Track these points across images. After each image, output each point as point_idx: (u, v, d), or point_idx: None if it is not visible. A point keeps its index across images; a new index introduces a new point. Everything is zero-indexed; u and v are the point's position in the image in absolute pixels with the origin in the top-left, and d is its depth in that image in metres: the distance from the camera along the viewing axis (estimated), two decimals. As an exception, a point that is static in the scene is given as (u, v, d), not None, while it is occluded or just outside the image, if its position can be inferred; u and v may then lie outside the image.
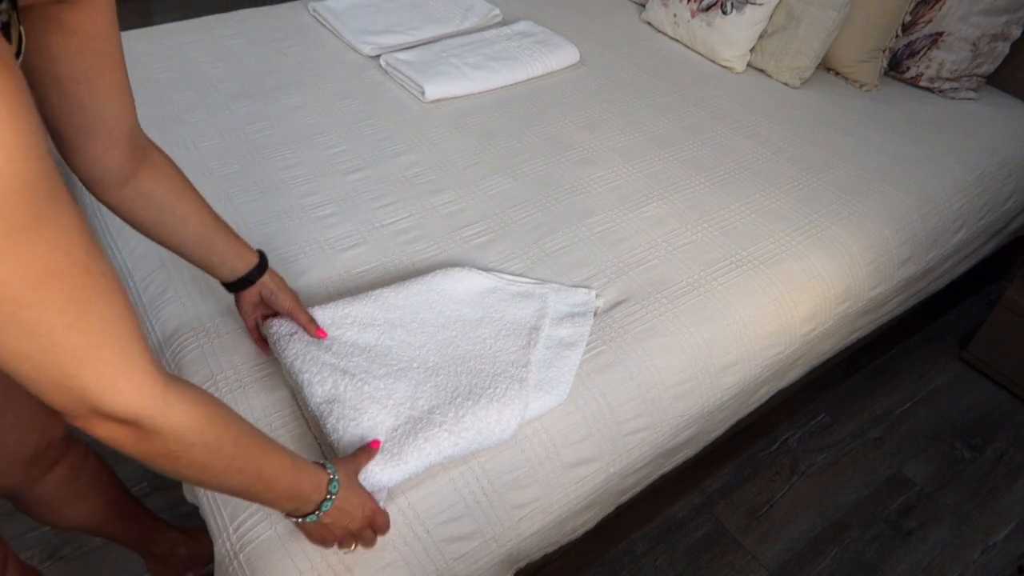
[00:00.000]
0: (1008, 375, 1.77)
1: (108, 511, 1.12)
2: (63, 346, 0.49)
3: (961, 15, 1.74)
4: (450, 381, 0.98)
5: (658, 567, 1.41)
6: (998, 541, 1.49)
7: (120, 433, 0.57)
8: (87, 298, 0.50)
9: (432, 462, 0.90)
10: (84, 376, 0.51)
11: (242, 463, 0.65)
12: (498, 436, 0.94)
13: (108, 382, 0.52)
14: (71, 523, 1.09)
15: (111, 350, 0.52)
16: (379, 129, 1.56)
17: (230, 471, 0.64)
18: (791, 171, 1.50)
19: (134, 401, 0.54)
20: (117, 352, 0.52)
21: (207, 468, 0.62)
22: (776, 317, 1.23)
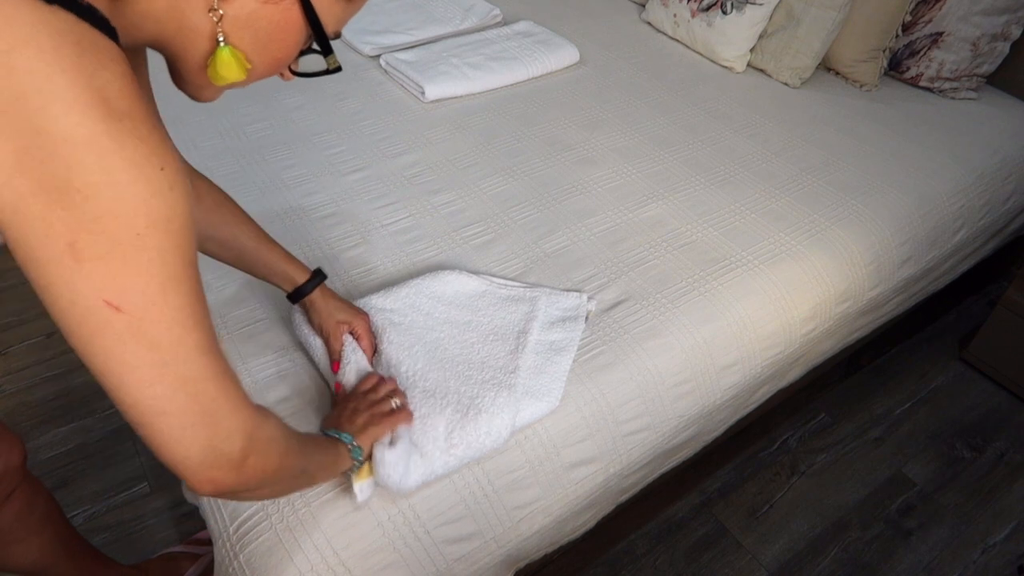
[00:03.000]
0: (1008, 375, 1.77)
1: (58, 549, 1.08)
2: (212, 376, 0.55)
3: (961, 15, 1.74)
4: (439, 387, 0.97)
5: (658, 567, 1.41)
6: (998, 541, 1.49)
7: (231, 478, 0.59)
8: (213, 341, 0.56)
9: (426, 480, 0.89)
10: (219, 401, 0.55)
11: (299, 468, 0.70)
12: (489, 447, 0.93)
13: (232, 411, 0.57)
14: (21, 562, 1.04)
15: (232, 389, 0.57)
16: (379, 129, 1.56)
17: (294, 483, 0.71)
18: (791, 171, 1.50)
19: (247, 426, 0.58)
20: (231, 382, 0.57)
21: (279, 485, 0.67)
22: (776, 317, 1.23)
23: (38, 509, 1.03)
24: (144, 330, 0.50)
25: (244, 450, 0.58)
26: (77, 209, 0.46)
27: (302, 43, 0.62)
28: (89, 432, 1.60)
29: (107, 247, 0.48)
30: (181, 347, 0.52)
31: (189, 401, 0.53)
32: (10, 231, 0.47)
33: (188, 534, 1.42)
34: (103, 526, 1.43)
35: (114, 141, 0.47)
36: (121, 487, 1.50)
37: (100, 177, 0.46)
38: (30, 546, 1.04)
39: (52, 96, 0.45)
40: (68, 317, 0.49)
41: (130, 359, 0.51)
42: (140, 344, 0.50)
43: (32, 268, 0.49)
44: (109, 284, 0.48)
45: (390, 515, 0.89)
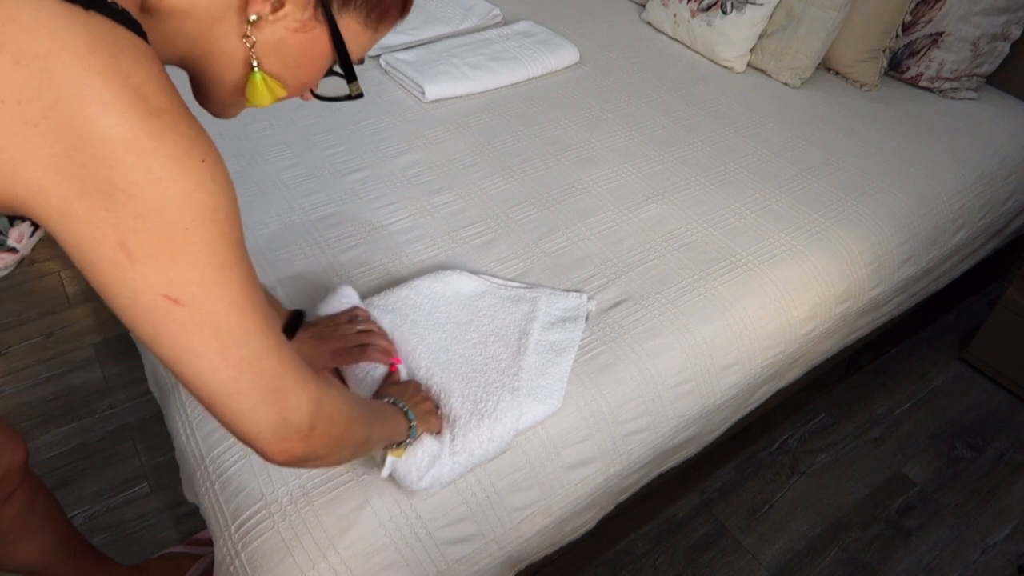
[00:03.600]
0: (1008, 375, 1.77)
1: (58, 549, 1.08)
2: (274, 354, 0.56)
3: (961, 15, 1.74)
4: (443, 390, 0.97)
5: (658, 567, 1.41)
6: (998, 541, 1.49)
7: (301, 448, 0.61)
8: (269, 320, 0.57)
9: (433, 486, 0.90)
10: (283, 377, 0.57)
11: (363, 437, 0.71)
12: (492, 453, 0.94)
13: (296, 385, 0.58)
14: (22, 561, 1.05)
15: (294, 364, 0.59)
16: (379, 129, 1.56)
17: (358, 449, 0.71)
18: (791, 171, 1.50)
19: (312, 396, 0.60)
20: (291, 357, 0.59)
21: (345, 451, 0.68)
22: (776, 317, 1.23)
23: (39, 508, 1.03)
24: (205, 319, 0.52)
25: (312, 420, 0.60)
26: (122, 209, 0.47)
27: (326, 68, 0.64)
28: (89, 432, 1.60)
29: (157, 244, 0.49)
30: (241, 330, 0.54)
31: (256, 380, 0.55)
32: (62, 235, 0.49)
33: (188, 534, 1.42)
34: (103, 526, 1.43)
35: (153, 138, 0.47)
36: (121, 487, 1.50)
37: (142, 175, 0.47)
38: (31, 545, 1.04)
39: (90, 98, 0.45)
40: (131, 314, 0.51)
41: (196, 347, 0.52)
42: (204, 332, 0.52)
43: (88, 270, 0.50)
44: (165, 279, 0.50)
45: (392, 515, 0.89)
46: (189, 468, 1.00)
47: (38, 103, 0.45)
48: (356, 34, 0.63)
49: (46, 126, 0.45)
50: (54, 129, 0.45)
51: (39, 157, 0.46)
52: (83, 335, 1.81)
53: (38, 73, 0.44)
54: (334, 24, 0.61)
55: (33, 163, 0.46)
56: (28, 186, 0.46)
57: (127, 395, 1.67)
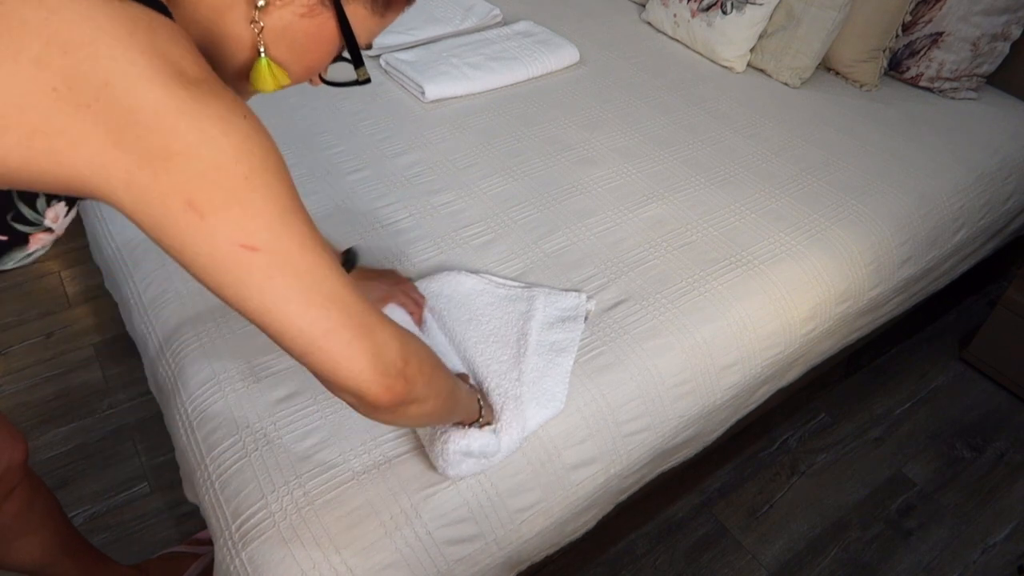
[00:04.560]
0: (1008, 375, 1.77)
1: (58, 548, 1.08)
2: (352, 291, 0.59)
3: (961, 15, 1.74)
4: None
5: (658, 567, 1.41)
6: (998, 541, 1.49)
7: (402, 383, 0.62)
8: (336, 261, 0.59)
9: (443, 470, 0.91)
10: (366, 314, 0.59)
11: (449, 388, 0.74)
12: (497, 461, 0.95)
13: (379, 321, 0.61)
14: (22, 560, 1.05)
15: (365, 299, 0.61)
16: (379, 129, 1.56)
17: (447, 403, 0.74)
18: (791, 171, 1.50)
19: (396, 331, 0.62)
20: (363, 296, 0.61)
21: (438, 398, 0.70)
22: (776, 317, 1.23)
23: (39, 507, 1.03)
24: (284, 261, 0.54)
25: (403, 354, 0.62)
26: (183, 170, 0.50)
27: (334, 53, 0.65)
28: (89, 432, 1.60)
29: (223, 196, 0.51)
30: (318, 269, 0.56)
31: (343, 315, 0.57)
32: (131, 207, 0.51)
33: (188, 534, 1.42)
34: (103, 526, 1.43)
35: (198, 103, 0.51)
36: (121, 487, 1.50)
37: (195, 136, 0.50)
38: (30, 544, 1.04)
39: (136, 76, 0.49)
40: (212, 271, 0.53)
41: (282, 291, 0.55)
42: (286, 274, 0.54)
43: (162, 236, 0.52)
44: (238, 229, 0.52)
45: (392, 515, 0.89)
46: (189, 468, 1.00)
47: (88, 86, 0.48)
48: (363, 19, 0.63)
49: (99, 107, 0.48)
50: (107, 108, 0.48)
51: (96, 136, 0.49)
52: (83, 335, 1.81)
53: (85, 59, 0.48)
54: (341, 9, 0.61)
55: (92, 141, 0.49)
56: (90, 164, 0.49)
57: (127, 395, 1.67)
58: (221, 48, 0.60)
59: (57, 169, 0.50)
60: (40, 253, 0.62)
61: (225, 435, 0.96)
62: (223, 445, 0.95)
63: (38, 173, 0.50)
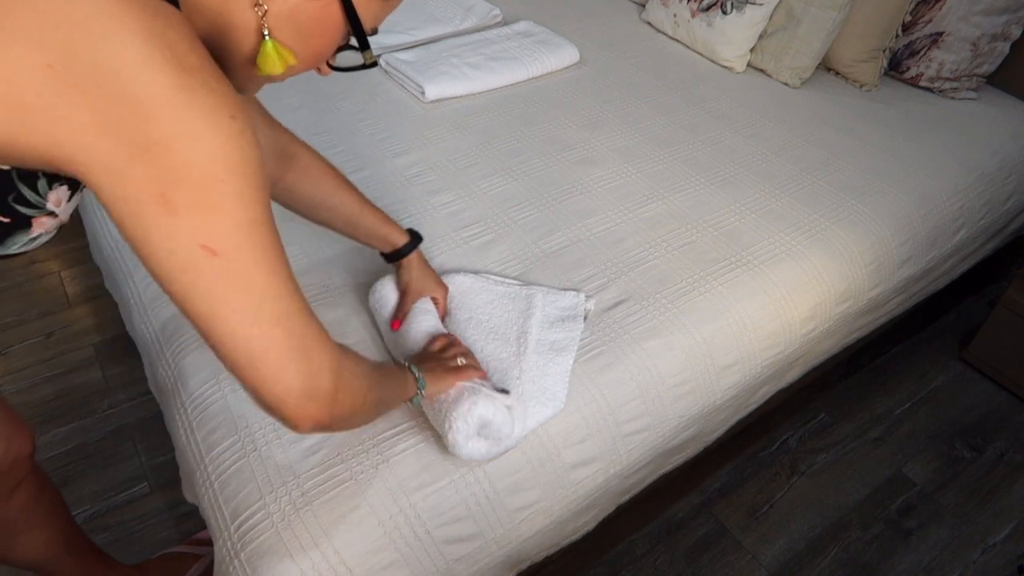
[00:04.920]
0: (1008, 375, 1.77)
1: (61, 545, 1.08)
2: (301, 313, 0.59)
3: (961, 15, 1.74)
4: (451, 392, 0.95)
5: (658, 567, 1.41)
6: (998, 541, 1.49)
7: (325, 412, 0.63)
8: (294, 281, 0.60)
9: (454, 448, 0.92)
10: (308, 337, 0.60)
11: (377, 399, 0.74)
12: (496, 456, 0.95)
13: (319, 346, 0.61)
14: (25, 555, 1.04)
15: (316, 325, 0.61)
16: (379, 129, 1.56)
17: (375, 412, 0.75)
18: (791, 171, 1.50)
19: (334, 356, 0.63)
20: (313, 318, 0.62)
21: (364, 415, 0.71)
22: (776, 317, 1.23)
23: (44, 502, 1.03)
24: (238, 271, 0.54)
25: (334, 383, 0.62)
26: (160, 162, 0.50)
27: (341, 38, 0.65)
28: (89, 432, 1.60)
29: (195, 195, 0.51)
30: (271, 287, 0.56)
31: (285, 337, 0.58)
32: (104, 191, 0.51)
33: (188, 534, 1.42)
34: (103, 526, 1.43)
35: (186, 93, 0.50)
36: (121, 487, 1.50)
37: (177, 129, 0.50)
38: (35, 539, 1.04)
39: (128, 58, 0.48)
40: (168, 267, 0.53)
41: (231, 299, 0.55)
42: (238, 285, 0.55)
43: (127, 224, 0.52)
44: (203, 230, 0.52)
45: (391, 514, 0.89)
46: (189, 468, 1.00)
47: (80, 64, 0.48)
48: (367, 2, 0.63)
49: (88, 86, 0.48)
50: (96, 88, 0.48)
51: (82, 115, 0.49)
52: (83, 335, 1.81)
53: (79, 37, 0.47)
54: None
55: (76, 121, 0.49)
56: (72, 144, 0.49)
57: (127, 395, 1.67)
58: (227, 37, 0.60)
59: (43, 145, 0.50)
60: (45, 239, 0.62)
61: (224, 435, 0.96)
62: (222, 445, 0.95)
63: (25, 147, 0.50)
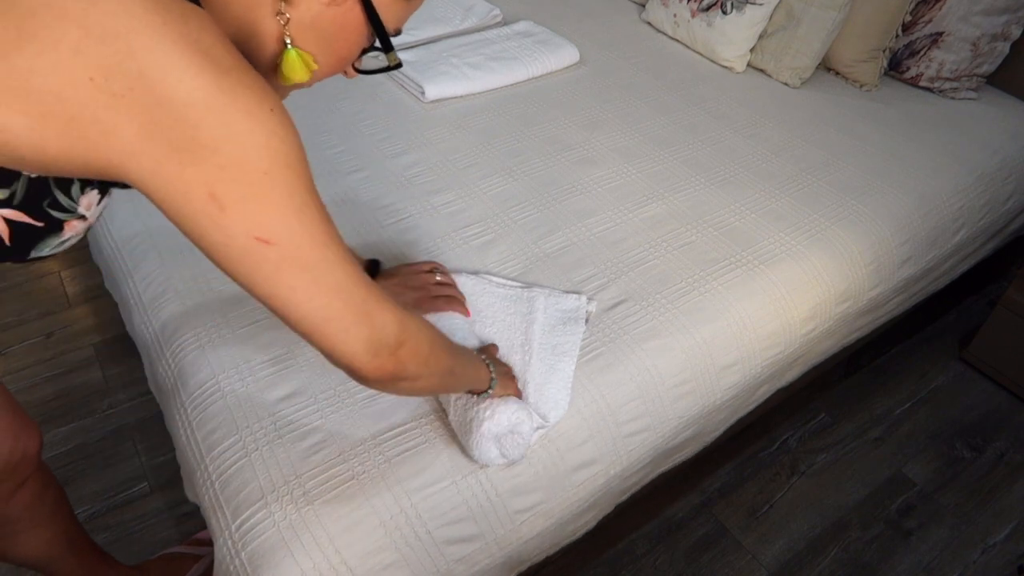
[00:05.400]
0: (1008, 375, 1.77)
1: (64, 544, 1.08)
2: (356, 281, 0.63)
3: (961, 15, 1.74)
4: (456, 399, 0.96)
5: (658, 567, 1.41)
6: (998, 541, 1.49)
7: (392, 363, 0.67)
8: (348, 252, 0.63)
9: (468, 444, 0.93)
10: (369, 301, 0.63)
11: (447, 367, 0.77)
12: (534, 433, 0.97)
13: (380, 308, 0.65)
14: (27, 553, 1.05)
15: (375, 289, 0.65)
16: (379, 129, 1.56)
17: (445, 380, 0.78)
18: (791, 171, 1.50)
19: (396, 317, 0.66)
20: (370, 284, 0.65)
21: (433, 377, 0.74)
22: (776, 317, 1.23)
23: (49, 501, 1.03)
24: (294, 256, 0.58)
25: (399, 337, 0.66)
26: (208, 163, 0.52)
27: (364, 41, 0.66)
28: (89, 432, 1.60)
29: (243, 190, 0.54)
30: (326, 262, 0.60)
31: (345, 304, 0.62)
32: (155, 194, 0.54)
33: (188, 534, 1.42)
34: (103, 526, 1.43)
35: (227, 95, 0.52)
36: (121, 487, 1.50)
37: (222, 131, 0.52)
38: (38, 537, 1.04)
39: (169, 66, 0.50)
40: (228, 259, 0.57)
41: (290, 282, 0.59)
42: (295, 268, 0.58)
43: (183, 223, 0.56)
44: (255, 222, 0.55)
45: (392, 515, 0.89)
46: (189, 468, 1.00)
47: (123, 76, 0.50)
48: (389, 4, 0.64)
49: (132, 97, 0.50)
50: (140, 99, 0.50)
51: (128, 125, 0.51)
52: (83, 335, 1.81)
53: (121, 49, 0.49)
54: None
55: (124, 131, 0.51)
56: (121, 152, 0.52)
57: (127, 395, 1.67)
58: (251, 44, 0.61)
59: (92, 156, 0.52)
60: (73, 240, 0.63)
61: (225, 435, 0.96)
62: (223, 445, 0.95)
63: (75, 159, 0.52)
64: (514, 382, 0.98)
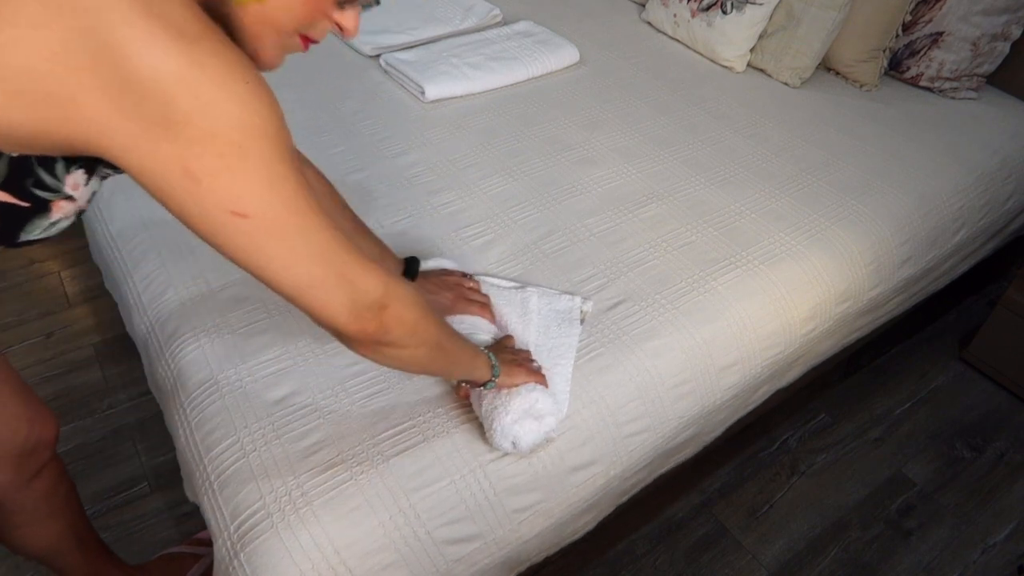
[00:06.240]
0: (1008, 375, 1.77)
1: (71, 538, 1.08)
2: (336, 247, 0.63)
3: (961, 15, 1.74)
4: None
5: (658, 567, 1.41)
6: (998, 541, 1.49)
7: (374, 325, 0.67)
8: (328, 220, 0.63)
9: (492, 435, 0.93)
10: (350, 265, 0.64)
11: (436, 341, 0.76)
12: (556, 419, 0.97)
13: (362, 272, 0.65)
14: (37, 544, 1.05)
15: (357, 253, 0.65)
16: (379, 129, 1.56)
17: (434, 355, 0.77)
18: (791, 171, 1.50)
19: (379, 282, 0.66)
20: (353, 249, 0.65)
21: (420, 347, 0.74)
22: (776, 317, 1.23)
23: (61, 493, 1.04)
24: (271, 227, 0.58)
25: (382, 300, 0.67)
26: (181, 137, 0.52)
27: None
28: (89, 432, 1.60)
29: (217, 164, 0.54)
30: (303, 231, 0.60)
31: (325, 271, 0.63)
32: (134, 170, 0.54)
33: (188, 534, 1.42)
34: (103, 526, 1.43)
35: (196, 67, 0.51)
36: (121, 487, 1.50)
37: (192, 104, 0.51)
38: (49, 529, 1.04)
39: (134, 38, 0.50)
40: (207, 232, 0.58)
41: (268, 251, 0.59)
42: (272, 238, 0.59)
43: (163, 198, 0.56)
44: (230, 196, 0.55)
45: (391, 515, 0.89)
46: (189, 468, 1.00)
47: (85, 49, 0.49)
48: None
49: (97, 71, 0.49)
50: (106, 73, 0.49)
51: (97, 100, 0.50)
52: (83, 335, 1.81)
53: (82, 23, 0.49)
54: None
55: (92, 106, 0.50)
56: (94, 127, 0.52)
57: (127, 395, 1.67)
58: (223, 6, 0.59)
59: (65, 132, 0.52)
60: (65, 224, 0.63)
61: (223, 435, 0.96)
62: (222, 445, 0.95)
63: (50, 135, 0.52)
64: (524, 370, 0.95)
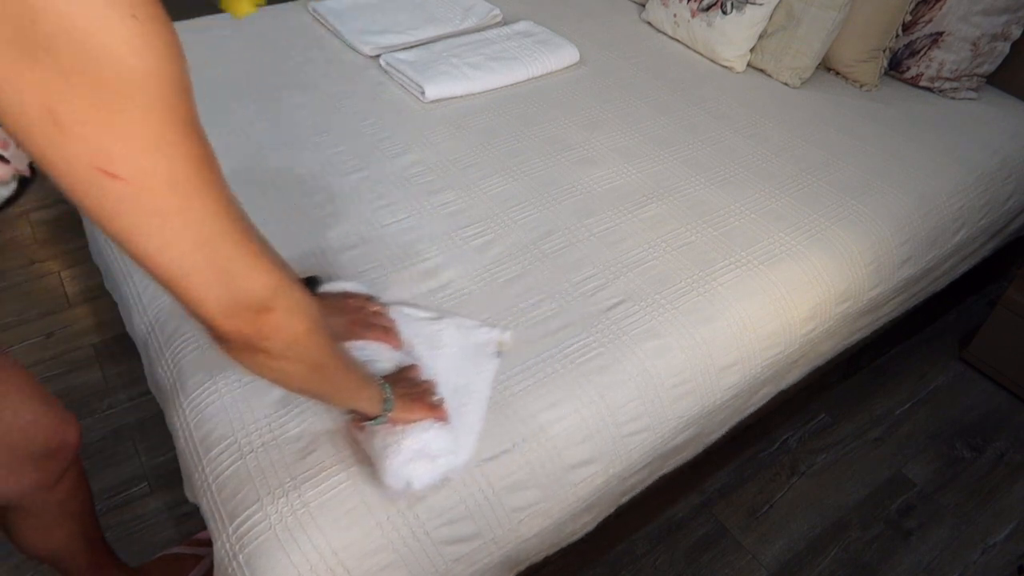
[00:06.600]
0: (1008, 375, 1.77)
1: (81, 542, 1.07)
2: (226, 236, 0.54)
3: (961, 15, 1.74)
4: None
5: (658, 567, 1.41)
6: (998, 541, 1.49)
7: (250, 327, 0.59)
8: (226, 204, 0.54)
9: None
10: (236, 261, 0.55)
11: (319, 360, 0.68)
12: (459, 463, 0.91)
13: (251, 269, 0.56)
14: (48, 546, 1.03)
15: (252, 248, 0.56)
16: (379, 129, 1.56)
17: (316, 376, 0.69)
18: (791, 171, 1.50)
19: (268, 283, 0.58)
20: (249, 243, 0.56)
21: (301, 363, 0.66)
22: (776, 317, 1.23)
23: (80, 496, 1.03)
24: (147, 197, 0.49)
25: (265, 303, 0.58)
26: (46, 68, 0.43)
27: None
28: (89, 432, 1.59)
29: (86, 110, 0.44)
30: (190, 211, 0.51)
31: (208, 260, 0.53)
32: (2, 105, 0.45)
33: (188, 534, 1.42)
34: (103, 526, 1.42)
35: None
36: (121, 487, 1.50)
37: (57, 27, 0.42)
38: (64, 530, 1.03)
39: None
40: (70, 188, 0.48)
41: (142, 225, 0.50)
42: (144, 211, 0.49)
43: (21, 136, 0.46)
44: (98, 151, 0.46)
45: (389, 515, 0.89)
46: (188, 468, 1.00)
47: None
48: None
49: None
50: None
51: None
52: (83, 335, 1.81)
53: None
54: None
55: None
56: None
57: (127, 395, 1.67)
58: None
59: None
60: (4, 192, 0.56)
61: (222, 436, 0.96)
62: (220, 446, 0.95)
63: None
64: (422, 406, 0.88)
